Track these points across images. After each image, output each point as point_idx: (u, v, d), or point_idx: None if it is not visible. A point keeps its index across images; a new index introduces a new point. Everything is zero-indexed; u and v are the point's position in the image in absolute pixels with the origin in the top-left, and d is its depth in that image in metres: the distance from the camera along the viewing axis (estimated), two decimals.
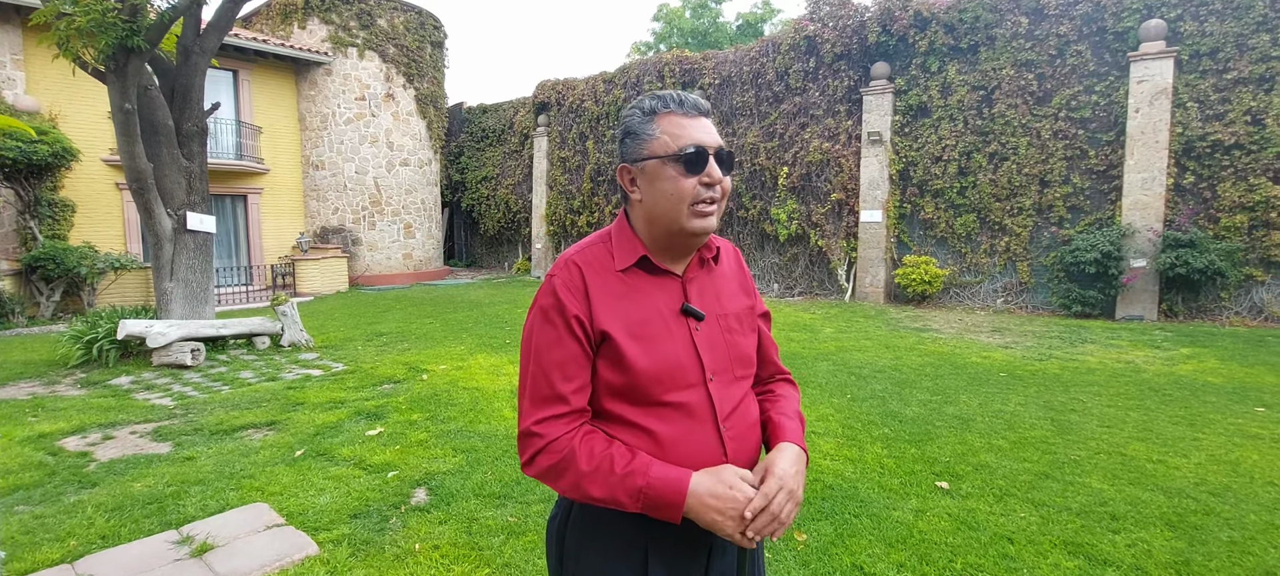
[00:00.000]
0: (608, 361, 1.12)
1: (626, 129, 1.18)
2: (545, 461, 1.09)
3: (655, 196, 1.14)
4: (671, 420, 1.12)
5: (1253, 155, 7.62)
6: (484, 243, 18.90)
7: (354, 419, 4.78)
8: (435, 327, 8.80)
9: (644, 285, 1.17)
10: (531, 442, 1.10)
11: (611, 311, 1.12)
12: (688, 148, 1.11)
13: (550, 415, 1.10)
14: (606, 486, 1.05)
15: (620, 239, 1.19)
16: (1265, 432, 4.25)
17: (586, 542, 1.15)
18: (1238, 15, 7.63)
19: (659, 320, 1.15)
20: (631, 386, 1.11)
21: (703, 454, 1.13)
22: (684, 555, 1.15)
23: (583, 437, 1.10)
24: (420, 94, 15.85)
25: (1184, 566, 2.81)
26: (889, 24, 9.88)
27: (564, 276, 1.15)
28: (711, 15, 21.52)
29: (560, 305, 1.12)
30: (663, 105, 1.15)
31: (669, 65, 12.92)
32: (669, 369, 1.13)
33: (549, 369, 1.11)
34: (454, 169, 18.81)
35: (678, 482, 1.05)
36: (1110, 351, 6.60)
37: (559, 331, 1.12)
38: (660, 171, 1.13)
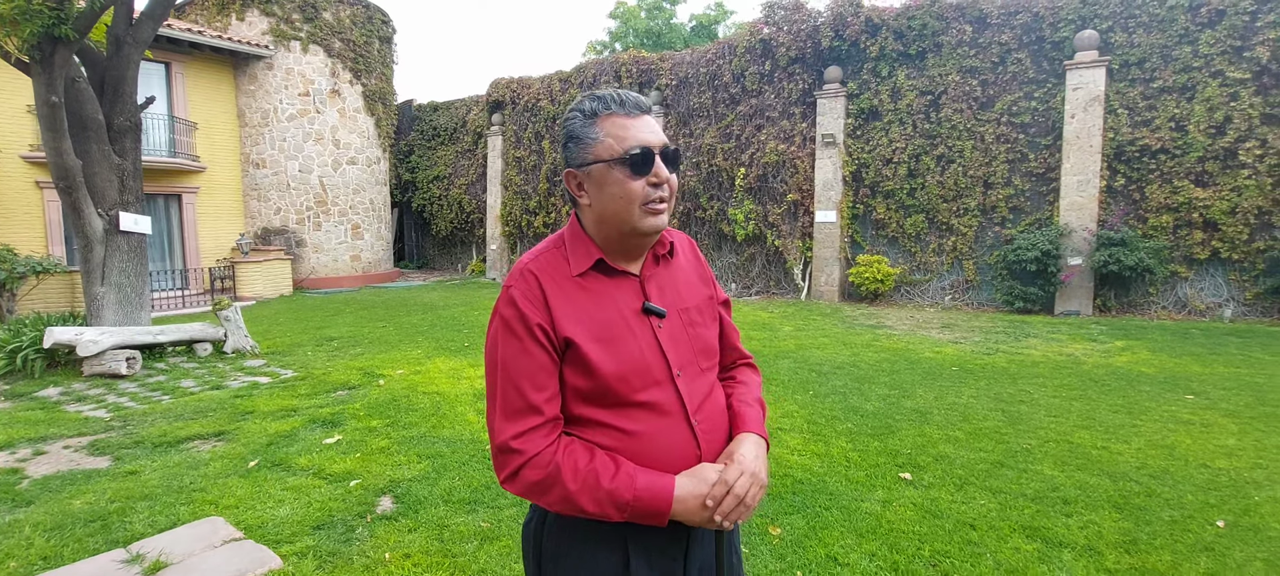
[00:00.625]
0: (573, 367, 1.12)
1: (569, 133, 1.16)
2: (531, 476, 1.08)
3: (604, 200, 1.13)
4: (642, 419, 1.13)
5: (1176, 159, 8.15)
6: (436, 244, 18.48)
7: (309, 427, 4.59)
8: (389, 331, 8.55)
9: (603, 287, 1.16)
10: (511, 459, 1.08)
11: (572, 317, 1.12)
12: (633, 149, 1.10)
13: (527, 428, 1.08)
14: (594, 501, 1.06)
15: (574, 243, 1.18)
16: (1195, 419, 4.54)
17: (565, 543, 1.15)
18: (1162, 27, 8.15)
19: (620, 321, 1.15)
20: (599, 390, 1.11)
21: (677, 449, 1.14)
22: (663, 547, 1.16)
23: (565, 452, 1.09)
24: (368, 90, 15.38)
25: (1131, 545, 2.97)
26: (841, 29, 10.14)
27: (521, 286, 1.13)
28: (666, 16, 21.65)
29: (522, 315, 1.11)
30: (603, 106, 1.13)
31: (625, 65, 12.93)
32: (635, 369, 1.13)
33: (518, 380, 1.09)
34: (404, 168, 18.32)
35: (663, 491, 1.07)
36: (1052, 345, 6.94)
37: (523, 342, 1.10)
38: (607, 175, 1.12)
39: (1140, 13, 8.27)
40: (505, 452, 1.09)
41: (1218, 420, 4.50)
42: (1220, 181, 7.90)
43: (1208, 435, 4.24)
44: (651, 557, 1.15)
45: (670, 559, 1.16)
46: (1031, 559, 2.87)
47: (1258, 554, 2.87)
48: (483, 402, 5.16)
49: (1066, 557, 2.89)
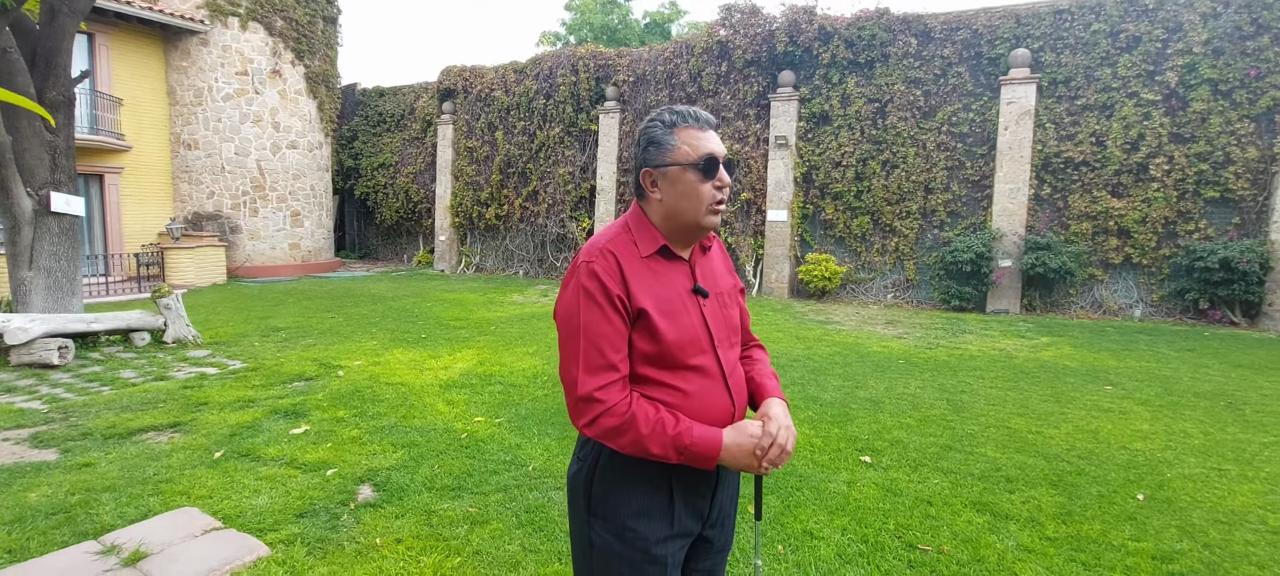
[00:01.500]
0: (642, 333, 1.31)
1: (650, 139, 1.37)
2: (609, 422, 1.27)
3: (676, 197, 1.34)
4: (693, 380, 1.35)
5: (1096, 171, 8.88)
6: (380, 233, 17.96)
7: (271, 417, 4.47)
8: (339, 322, 8.32)
9: (664, 269, 1.37)
10: (593, 407, 1.27)
11: (645, 291, 1.31)
12: (705, 156, 1.32)
13: (607, 382, 1.27)
14: (660, 445, 1.26)
15: (640, 230, 1.38)
16: (1114, 407, 5.02)
17: (617, 485, 1.35)
18: (1086, 50, 8.84)
19: (678, 298, 1.36)
20: (661, 354, 1.32)
21: (718, 405, 1.38)
22: (698, 487, 1.40)
23: (637, 403, 1.28)
24: (311, 72, 14.80)
25: (1067, 516, 3.30)
26: (796, 35, 10.50)
27: (603, 263, 1.31)
28: (621, 11, 21.72)
29: (604, 287, 1.29)
30: (681, 119, 1.35)
31: (583, 60, 12.94)
32: (690, 338, 1.35)
33: (599, 341, 1.28)
34: (347, 154, 17.71)
35: (714, 439, 1.29)
36: (986, 340, 7.46)
37: (604, 310, 1.28)
38: (681, 176, 1.33)
39: (1067, 35, 8.95)
40: (588, 401, 1.27)
41: (1133, 408, 4.99)
42: (1133, 193, 8.66)
43: (1125, 421, 4.70)
44: (688, 496, 1.38)
45: (701, 496, 1.41)
46: (982, 530, 3.15)
47: (1172, 522, 3.24)
48: (450, 393, 5.15)
49: (1012, 528, 3.18)
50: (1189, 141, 8.37)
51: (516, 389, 5.26)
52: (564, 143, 13.39)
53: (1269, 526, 3.21)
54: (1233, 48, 8.09)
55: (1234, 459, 4.02)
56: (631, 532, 1.33)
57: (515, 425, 4.36)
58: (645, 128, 1.40)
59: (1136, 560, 2.91)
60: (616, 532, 1.34)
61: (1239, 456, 4.07)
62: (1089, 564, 2.89)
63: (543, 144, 13.63)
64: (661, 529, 1.35)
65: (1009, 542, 3.05)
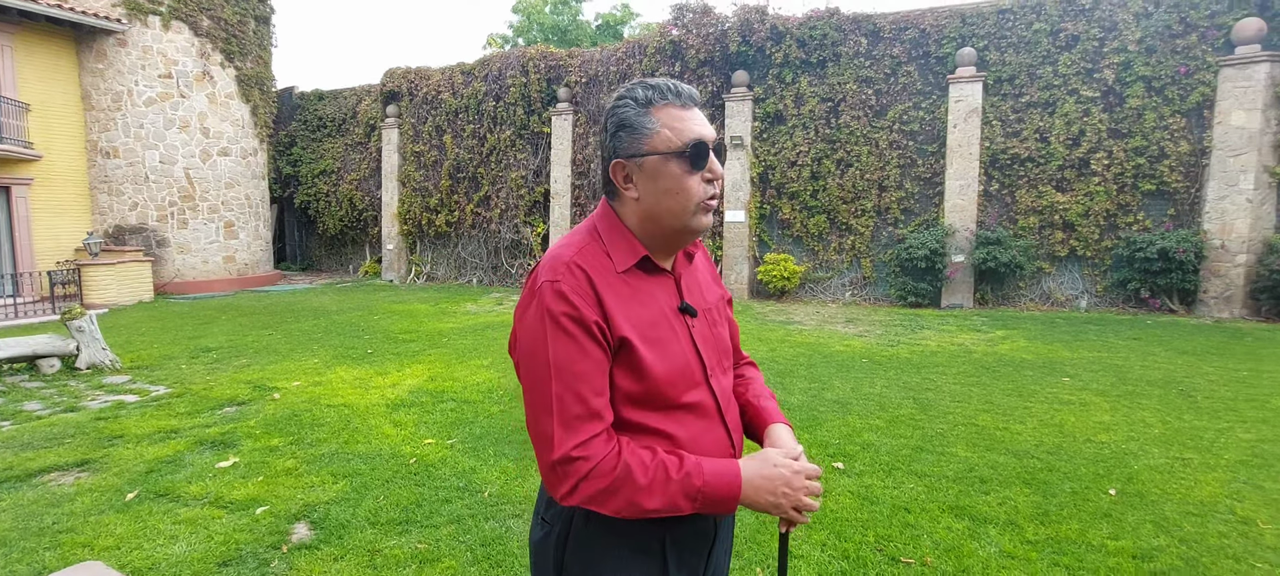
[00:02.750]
0: (624, 369, 1.06)
1: (620, 122, 1.09)
2: (595, 486, 1.01)
3: (657, 194, 1.08)
4: (687, 422, 1.11)
5: (1041, 167, 9.11)
6: (323, 243, 17.18)
7: (196, 450, 4.05)
8: (277, 340, 7.80)
9: (644, 285, 1.11)
10: (575, 469, 1.01)
11: (625, 316, 1.06)
12: (691, 142, 1.06)
13: (589, 436, 1.01)
14: (664, 496, 1.02)
15: (613, 237, 1.11)
16: (1074, 398, 5.06)
17: (599, 554, 1.09)
18: (1029, 49, 9.07)
19: (664, 322, 1.11)
20: (649, 393, 1.07)
21: (717, 450, 1.14)
22: (694, 545, 1.15)
23: (629, 451, 1.03)
24: (243, 74, 14.01)
25: (1044, 517, 3.22)
26: (748, 35, 10.46)
27: (571, 281, 1.04)
28: (571, 12, 21.43)
29: (577, 313, 1.03)
30: (659, 96, 1.08)
31: (533, 60, 12.63)
32: (680, 370, 1.10)
33: (577, 384, 1.02)
34: (284, 161, 16.87)
35: (732, 475, 1.05)
36: (944, 335, 7.51)
37: (580, 342, 1.02)
38: (662, 168, 1.07)
39: (1011, 34, 9.16)
40: (567, 463, 1.00)
41: (1092, 399, 5.03)
42: (1076, 187, 8.92)
43: (1087, 413, 4.72)
44: (684, 555, 1.14)
45: (696, 554, 1.16)
46: (963, 536, 3.05)
47: (1146, 517, 3.20)
48: (398, 413, 4.80)
49: (992, 532, 3.09)
50: (1126, 136, 8.66)
51: (470, 406, 4.95)
52: (516, 146, 13.04)
53: (1238, 516, 3.21)
54: (1164, 46, 8.41)
55: (1194, 447, 4.06)
56: None
57: (469, 446, 4.06)
58: (614, 107, 1.11)
59: (1118, 560, 2.85)
60: None
61: (1198, 444, 4.11)
62: (1072, 567, 2.81)
63: (494, 147, 13.25)
64: None
65: (991, 549, 2.95)
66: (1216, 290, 8.18)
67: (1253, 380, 5.45)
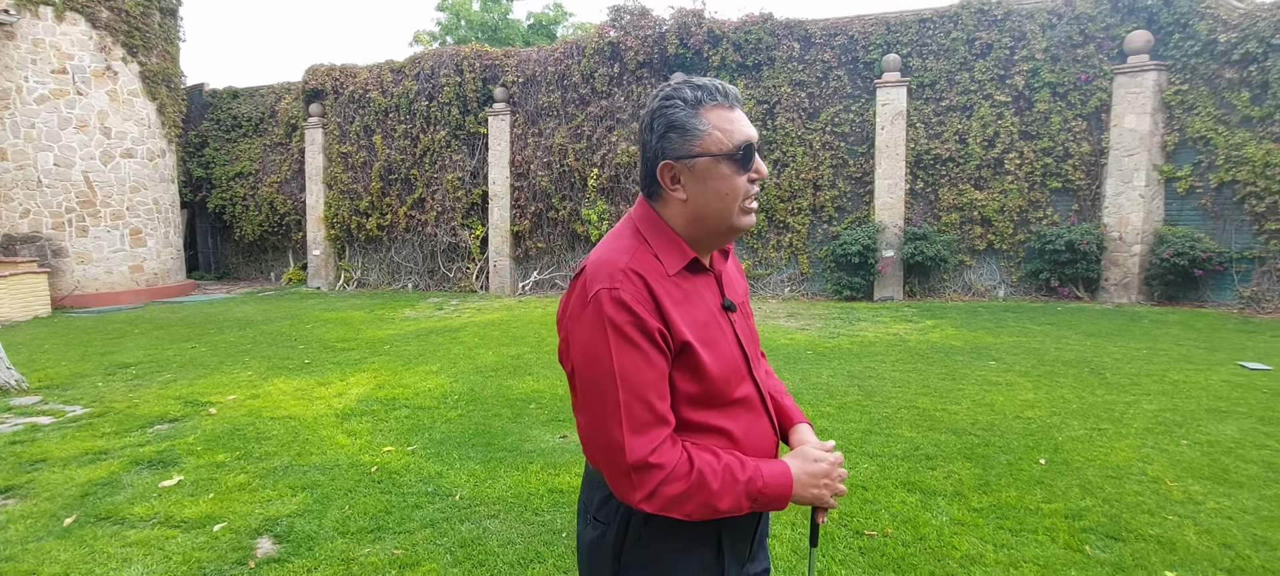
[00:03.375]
0: (685, 371, 1.09)
1: (670, 123, 1.10)
2: (672, 490, 1.04)
3: (706, 195, 1.10)
4: (740, 416, 1.16)
5: (960, 167, 9.73)
6: (241, 250, 16.20)
7: (132, 470, 3.78)
8: (201, 353, 7.34)
9: (694, 287, 1.14)
10: (651, 475, 1.03)
11: (683, 320, 1.09)
12: (742, 144, 1.09)
13: (660, 442, 1.04)
14: (732, 497, 1.07)
15: (659, 240, 1.12)
16: (1002, 380, 5.46)
17: (659, 551, 1.13)
18: (948, 55, 9.68)
19: (713, 321, 1.15)
20: (707, 393, 1.11)
21: (766, 440, 1.20)
22: (744, 531, 1.22)
23: (697, 456, 1.07)
24: (148, 70, 13.03)
25: (985, 487, 3.48)
26: (686, 38, 10.65)
27: (631, 289, 1.05)
28: (501, 10, 21.09)
29: (639, 320, 1.04)
30: (708, 96, 1.10)
31: (468, 59, 12.38)
32: (732, 367, 1.15)
33: (644, 391, 1.04)
34: (196, 162, 15.80)
35: (785, 476, 1.11)
36: (879, 326, 7.91)
37: (644, 349, 1.04)
38: (713, 169, 1.09)
39: (931, 42, 9.75)
40: (644, 470, 1.03)
41: (1017, 380, 5.45)
42: (992, 185, 9.59)
43: (1013, 392, 5.11)
44: (735, 543, 1.20)
45: (744, 539, 1.23)
46: (917, 508, 3.26)
47: (1073, 482, 3.52)
48: (349, 422, 4.64)
49: (942, 503, 3.31)
50: (1035, 138, 9.39)
51: (426, 412, 4.83)
52: (451, 146, 12.74)
53: (1149, 476, 3.57)
54: (1066, 55, 9.18)
55: (1107, 418, 4.47)
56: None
57: (432, 452, 3.97)
58: (661, 108, 1.11)
59: (1052, 521, 3.11)
60: None
61: (1110, 415, 4.53)
62: (1014, 529, 3.05)
63: (428, 148, 12.89)
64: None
65: (943, 518, 3.16)
66: (1116, 278, 8.99)
67: (1151, 357, 6.04)
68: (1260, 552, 2.77)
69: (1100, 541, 2.93)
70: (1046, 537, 2.97)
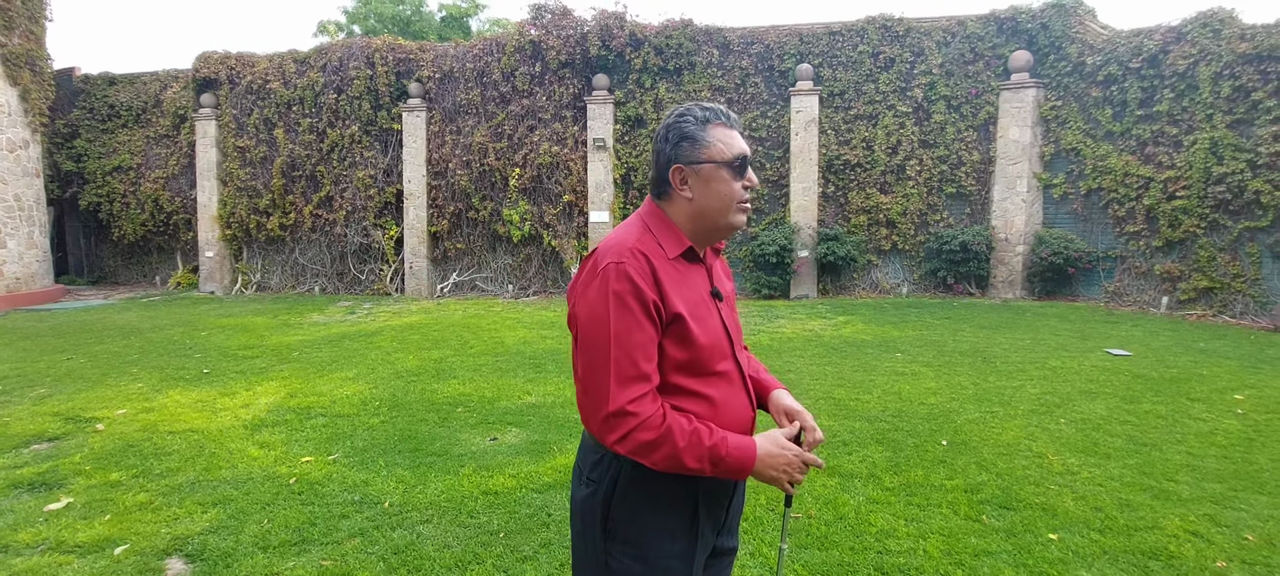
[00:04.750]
0: (675, 339, 1.27)
1: (682, 134, 1.32)
2: (644, 436, 1.20)
3: (708, 196, 1.31)
4: (720, 387, 1.33)
5: (867, 172, 10.35)
6: (119, 252, 14.78)
7: (10, 494, 3.40)
8: (80, 365, 6.66)
9: (687, 271, 1.34)
10: (626, 421, 1.20)
11: (678, 295, 1.28)
12: (738, 156, 1.31)
13: (640, 394, 1.21)
14: (697, 457, 1.22)
15: (662, 230, 1.33)
16: (907, 370, 5.87)
17: (641, 505, 1.29)
18: (855, 67, 10.27)
19: (702, 302, 1.34)
20: (693, 360, 1.29)
21: (742, 411, 1.37)
22: (719, 497, 1.37)
23: (672, 415, 1.23)
24: (8, 52, 11.68)
25: (896, 468, 3.75)
26: (608, 39, 10.72)
27: (636, 264, 1.24)
28: (414, 2, 20.37)
29: (638, 291, 1.22)
30: (715, 116, 1.33)
31: (380, 52, 11.89)
32: (716, 343, 1.33)
33: (633, 350, 1.21)
34: (65, 155, 14.28)
35: (749, 451, 1.26)
36: (796, 323, 8.29)
37: (638, 316, 1.22)
38: (715, 174, 1.30)
39: (840, 54, 10.31)
40: (621, 416, 1.20)
41: (920, 370, 5.87)
42: (895, 190, 10.26)
43: (918, 381, 5.51)
44: (711, 508, 1.35)
45: (720, 505, 1.39)
46: (836, 490, 3.46)
47: (971, 460, 3.85)
48: (261, 434, 4.37)
49: (858, 485, 3.54)
50: (933, 146, 10.13)
51: (345, 420, 4.63)
52: (362, 143, 12.18)
53: (1034, 452, 3.96)
54: (959, 70, 9.97)
55: (998, 402, 4.92)
56: (657, 553, 1.29)
57: (356, 460, 3.82)
58: (677, 123, 1.34)
59: (954, 496, 3.40)
60: (639, 556, 1.28)
61: (1001, 399, 4.98)
62: (923, 504, 3.31)
63: (336, 144, 12.26)
64: (687, 546, 1.31)
65: (860, 498, 3.38)
66: (1003, 276, 9.85)
67: (1033, 347, 6.67)
68: (1125, 513, 3.15)
69: (995, 511, 3.23)
70: (949, 510, 3.23)
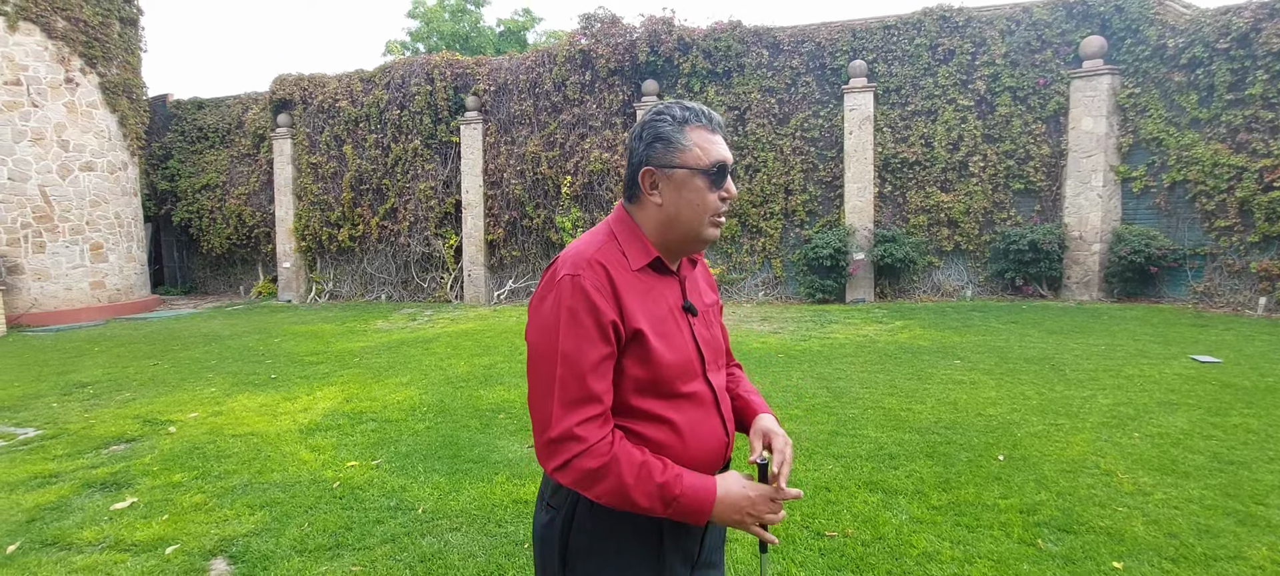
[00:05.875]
0: (635, 358, 1.16)
1: (657, 134, 1.20)
2: (587, 464, 1.09)
3: (680, 204, 1.20)
4: (686, 410, 1.21)
5: (927, 170, 9.92)
6: (208, 264, 15.89)
7: (83, 493, 3.69)
8: (164, 370, 7.18)
9: (654, 283, 1.22)
10: (570, 446, 1.10)
11: (639, 309, 1.17)
12: (716, 163, 1.19)
13: (588, 417, 1.11)
14: (646, 494, 1.10)
15: (628, 239, 1.22)
16: (966, 378, 5.56)
17: (600, 537, 1.17)
18: (912, 62, 9.87)
19: (670, 317, 1.22)
20: (655, 380, 1.17)
21: (712, 437, 1.25)
22: (689, 531, 1.24)
23: (620, 444, 1.12)
24: (107, 81, 12.76)
25: (945, 484, 3.55)
26: (656, 45, 10.72)
27: (592, 277, 1.14)
28: (472, 18, 21.01)
29: (593, 307, 1.12)
30: (694, 117, 1.21)
31: (439, 68, 12.33)
32: (683, 362, 1.21)
33: (583, 370, 1.11)
34: (160, 175, 15.49)
35: (707, 492, 1.14)
36: (850, 328, 8.01)
37: (591, 333, 1.12)
38: (688, 181, 1.19)
39: (896, 48, 9.94)
40: (566, 440, 1.09)
41: (980, 378, 5.56)
42: (958, 188, 9.79)
43: (976, 390, 5.21)
44: (680, 540, 1.22)
45: (691, 538, 1.25)
46: (878, 508, 3.30)
47: (1029, 477, 3.60)
48: (314, 438, 4.57)
49: (902, 502, 3.37)
50: (998, 141, 9.61)
51: (393, 425, 4.79)
52: (423, 155, 12.66)
53: (1102, 469, 3.66)
54: (1025, 60, 9.42)
55: (1065, 413, 4.59)
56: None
57: (397, 465, 3.94)
58: (652, 122, 1.22)
59: (1008, 516, 3.18)
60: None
61: (1068, 410, 4.65)
62: (971, 526, 3.11)
63: (399, 157, 12.78)
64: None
65: (903, 516, 3.21)
66: (1077, 276, 9.22)
67: (1109, 353, 6.20)
68: (1203, 541, 2.86)
69: (1053, 534, 3.00)
70: (1001, 532, 3.03)
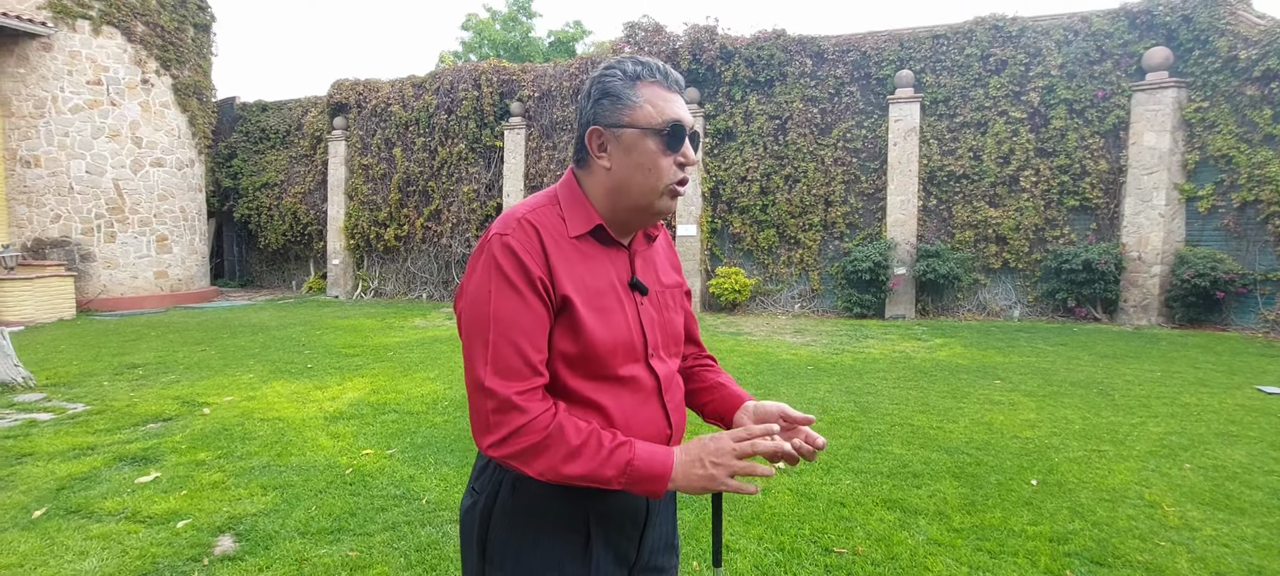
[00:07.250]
0: (563, 330, 1.06)
1: (605, 90, 1.10)
2: (526, 440, 1.00)
3: (629, 169, 1.08)
4: (621, 396, 1.10)
5: (975, 183, 9.55)
6: (264, 259, 16.60)
7: (114, 465, 3.85)
8: (210, 356, 7.49)
9: (596, 254, 1.12)
10: (511, 418, 1.00)
11: (570, 277, 1.06)
12: (671, 122, 1.07)
13: (526, 387, 1.01)
14: (593, 462, 1.00)
15: (571, 204, 1.11)
16: (1004, 399, 5.29)
17: (522, 527, 1.08)
18: (961, 72, 9.55)
19: (611, 292, 1.11)
20: (585, 357, 1.07)
21: (650, 427, 1.14)
22: (624, 528, 1.14)
23: (566, 415, 1.03)
24: (180, 83, 13.51)
25: (970, 506, 3.36)
26: (699, 54, 10.69)
27: (520, 236, 1.04)
28: (523, 29, 21.46)
29: (522, 266, 1.02)
30: (648, 72, 1.10)
31: (485, 74, 12.60)
32: (620, 342, 1.10)
33: (516, 337, 1.01)
34: (224, 173, 16.30)
35: (665, 457, 1.03)
36: (886, 344, 7.75)
37: (524, 294, 1.02)
38: (639, 143, 1.07)
39: (945, 58, 9.63)
40: (506, 410, 0.99)
41: (1020, 399, 5.27)
42: (1007, 203, 9.39)
43: (1015, 412, 4.94)
44: (610, 537, 1.12)
45: (626, 538, 1.14)
46: (894, 526, 3.14)
47: (1064, 504, 3.37)
48: (336, 425, 4.67)
49: (922, 522, 3.19)
50: (1052, 155, 9.18)
51: (413, 417, 4.85)
52: (468, 159, 12.94)
53: (1146, 500, 3.40)
54: (1083, 71, 8.98)
55: (1110, 440, 4.30)
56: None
57: (409, 456, 3.98)
58: (600, 76, 1.11)
59: (1036, 544, 2.98)
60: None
61: (1114, 437, 4.35)
62: (994, 552, 2.92)
63: (445, 161, 13.10)
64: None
65: (919, 537, 3.05)
66: (1135, 299, 8.70)
67: (1165, 379, 5.80)
68: None
69: (1084, 566, 2.79)
70: (1026, 561, 2.83)
